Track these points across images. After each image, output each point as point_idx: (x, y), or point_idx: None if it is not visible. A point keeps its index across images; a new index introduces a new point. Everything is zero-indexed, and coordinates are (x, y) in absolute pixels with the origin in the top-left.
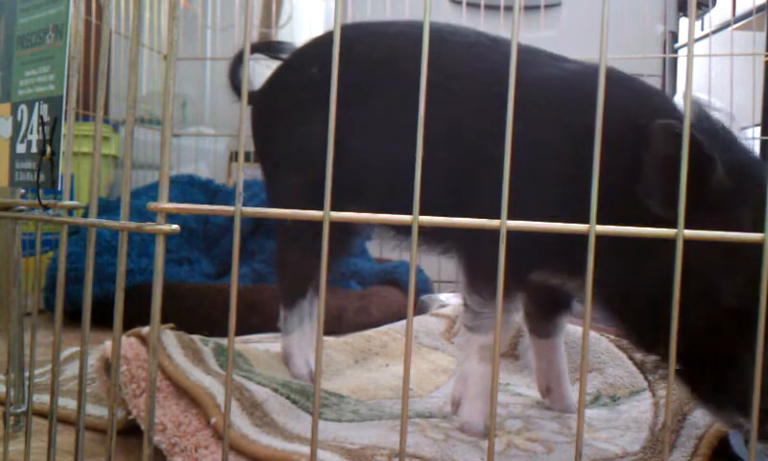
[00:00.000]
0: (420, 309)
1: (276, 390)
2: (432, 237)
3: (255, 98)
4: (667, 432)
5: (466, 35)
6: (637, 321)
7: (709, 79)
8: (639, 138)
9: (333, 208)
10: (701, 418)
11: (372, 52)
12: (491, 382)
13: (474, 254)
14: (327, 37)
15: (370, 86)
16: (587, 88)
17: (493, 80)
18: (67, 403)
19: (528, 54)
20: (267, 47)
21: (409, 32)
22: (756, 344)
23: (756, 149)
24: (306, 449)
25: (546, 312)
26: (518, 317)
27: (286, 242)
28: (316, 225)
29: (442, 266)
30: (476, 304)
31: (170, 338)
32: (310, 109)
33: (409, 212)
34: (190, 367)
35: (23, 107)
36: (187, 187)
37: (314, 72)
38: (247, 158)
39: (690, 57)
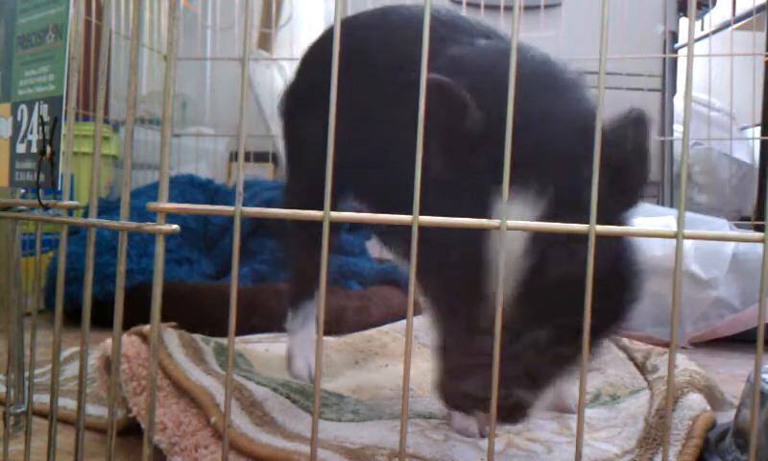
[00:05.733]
0: (421, 309)
1: (275, 389)
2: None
3: (282, 105)
4: (667, 431)
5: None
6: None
7: (709, 79)
8: None
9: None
10: (694, 401)
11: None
12: (492, 383)
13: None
14: (324, 39)
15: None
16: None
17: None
18: (67, 403)
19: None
20: None
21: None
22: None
23: (756, 149)
24: (306, 449)
25: None
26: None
27: (293, 243)
28: (311, 225)
29: None
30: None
31: (171, 336)
32: (306, 114)
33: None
34: (191, 366)
35: (23, 107)
36: (187, 187)
37: (305, 83)
38: (247, 158)
39: (690, 57)
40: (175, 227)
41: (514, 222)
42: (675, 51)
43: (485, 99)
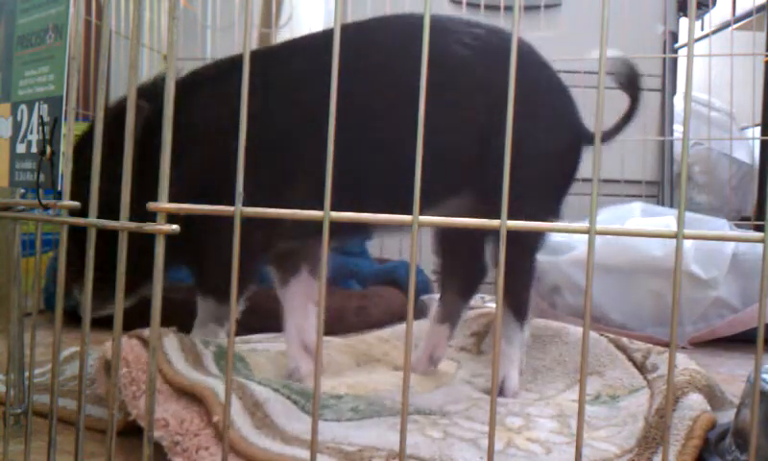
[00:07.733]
0: (420, 310)
1: (276, 390)
2: None
3: None
4: (667, 431)
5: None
6: None
7: (709, 79)
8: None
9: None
10: (695, 402)
11: None
12: (491, 384)
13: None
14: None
15: None
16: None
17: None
18: (67, 403)
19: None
20: None
21: None
22: None
23: (756, 149)
24: (304, 453)
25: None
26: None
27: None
28: None
29: None
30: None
31: (172, 341)
32: None
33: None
34: (190, 372)
35: (23, 107)
36: None
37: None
38: None
39: (690, 57)
40: (175, 227)
41: (513, 222)
42: (675, 51)
43: None
